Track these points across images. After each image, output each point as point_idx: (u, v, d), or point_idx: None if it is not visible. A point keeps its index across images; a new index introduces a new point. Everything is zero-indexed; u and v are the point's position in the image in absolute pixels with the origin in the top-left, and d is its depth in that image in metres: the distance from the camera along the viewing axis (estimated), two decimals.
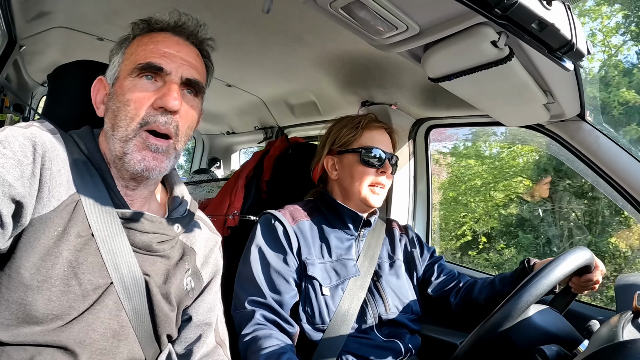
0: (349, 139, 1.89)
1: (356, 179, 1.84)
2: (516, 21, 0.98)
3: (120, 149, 1.12)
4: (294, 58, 2.19)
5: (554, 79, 1.51)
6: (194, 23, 1.26)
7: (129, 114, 1.12)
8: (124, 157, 1.11)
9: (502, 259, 11.79)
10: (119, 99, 1.14)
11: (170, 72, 1.16)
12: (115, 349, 1.09)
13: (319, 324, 1.65)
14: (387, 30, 1.29)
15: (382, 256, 1.92)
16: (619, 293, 1.53)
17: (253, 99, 3.17)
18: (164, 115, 1.13)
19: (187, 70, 1.19)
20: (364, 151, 1.84)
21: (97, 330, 1.05)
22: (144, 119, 1.12)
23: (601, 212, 10.71)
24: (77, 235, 1.04)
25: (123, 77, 1.17)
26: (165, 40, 1.20)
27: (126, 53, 1.21)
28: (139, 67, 1.14)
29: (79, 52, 2.46)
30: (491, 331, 1.15)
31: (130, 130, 1.12)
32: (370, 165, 1.83)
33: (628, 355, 0.70)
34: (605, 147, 1.83)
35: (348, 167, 1.87)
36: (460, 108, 2.23)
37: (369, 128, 1.91)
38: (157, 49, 1.17)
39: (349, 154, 1.88)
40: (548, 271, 1.23)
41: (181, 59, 1.19)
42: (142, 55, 1.16)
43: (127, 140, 1.12)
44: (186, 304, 1.31)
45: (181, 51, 1.20)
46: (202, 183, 3.67)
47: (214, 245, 1.43)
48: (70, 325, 1.01)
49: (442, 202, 13.55)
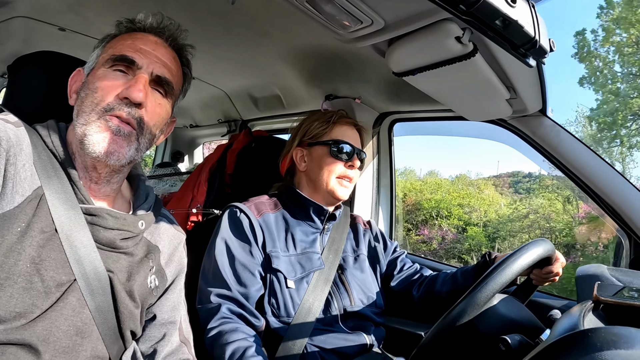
0: (320, 132, 1.91)
1: (324, 171, 1.85)
2: (480, 18, 0.99)
3: (81, 132, 1.11)
4: (259, 52, 2.18)
5: (517, 75, 1.54)
6: (175, 27, 1.29)
7: (95, 101, 1.12)
8: (84, 139, 1.10)
9: None
10: (89, 87, 1.15)
11: (142, 66, 1.17)
12: (79, 346, 1.07)
13: (284, 316, 1.65)
14: (352, 25, 1.30)
15: (346, 250, 1.94)
16: (579, 283, 1.57)
17: (217, 92, 3.14)
18: (128, 106, 1.13)
19: (159, 68, 1.20)
20: (334, 144, 1.86)
21: (60, 327, 1.03)
22: (108, 105, 1.12)
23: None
24: (40, 231, 1.02)
25: (97, 67, 1.18)
26: (143, 38, 1.23)
27: (106, 47, 1.22)
28: (113, 58, 1.16)
29: (41, 43, 2.40)
30: (455, 321, 1.16)
31: (94, 114, 1.11)
32: (338, 157, 1.85)
33: (589, 343, 0.72)
34: (565, 142, 1.88)
35: (317, 159, 1.88)
36: (424, 102, 2.25)
37: (339, 123, 1.93)
38: (133, 44, 1.19)
39: (319, 146, 1.89)
40: (510, 262, 1.25)
41: (155, 57, 1.20)
42: (119, 48, 1.18)
43: (88, 123, 1.11)
44: (150, 302, 1.30)
45: (157, 50, 1.22)
46: (165, 177, 3.63)
47: (178, 244, 1.42)
48: (33, 323, 0.99)
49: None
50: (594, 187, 1.85)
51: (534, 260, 1.32)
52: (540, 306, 1.89)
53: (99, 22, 2.08)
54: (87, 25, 1.38)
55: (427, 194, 17.15)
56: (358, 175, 1.96)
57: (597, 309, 0.99)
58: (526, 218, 15.34)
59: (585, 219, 13.32)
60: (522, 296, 1.67)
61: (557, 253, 1.55)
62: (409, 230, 15.76)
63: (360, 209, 2.63)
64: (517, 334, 1.25)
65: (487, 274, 1.23)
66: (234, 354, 1.44)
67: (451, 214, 15.78)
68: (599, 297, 1.00)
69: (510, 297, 1.47)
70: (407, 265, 2.05)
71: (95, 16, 1.79)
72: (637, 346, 0.69)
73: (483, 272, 1.61)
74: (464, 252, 14.33)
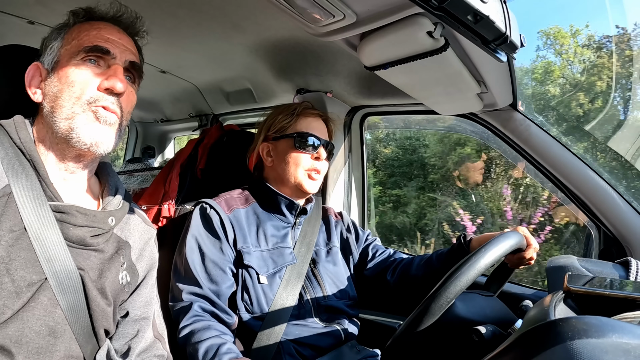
0: (284, 125, 1.91)
1: (291, 164, 1.85)
2: (452, 13, 0.99)
3: (66, 127, 1.11)
4: (230, 45, 2.16)
5: (488, 70, 1.56)
6: (132, 15, 1.29)
7: (74, 94, 1.12)
8: (71, 132, 1.10)
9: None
10: (62, 81, 1.13)
11: (116, 56, 1.19)
12: (52, 346, 1.06)
13: (257, 312, 1.65)
14: (324, 18, 1.29)
15: (318, 243, 1.94)
16: (550, 274, 1.59)
17: (188, 86, 3.11)
18: (110, 96, 1.15)
19: (130, 55, 1.22)
20: (298, 136, 1.85)
21: (32, 328, 1.02)
22: (92, 97, 1.13)
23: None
24: (9, 230, 1.01)
25: (65, 60, 1.16)
26: (106, 27, 1.22)
27: (65, 39, 1.20)
28: (85, 50, 1.15)
29: (8, 36, 2.34)
30: (428, 313, 1.17)
31: (77, 107, 1.11)
32: (304, 150, 1.85)
33: (560, 332, 0.73)
34: (535, 136, 1.91)
35: (283, 152, 1.88)
36: (396, 96, 2.27)
37: (304, 115, 1.93)
38: (100, 34, 1.19)
39: (284, 139, 1.89)
40: (479, 256, 1.25)
41: (123, 46, 1.22)
42: (86, 39, 1.17)
43: (73, 117, 1.11)
44: (122, 299, 1.29)
45: (122, 39, 1.23)
46: (136, 172, 3.59)
47: (149, 239, 1.41)
48: (5, 324, 0.98)
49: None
50: (563, 180, 1.89)
51: (504, 254, 1.34)
52: (512, 297, 1.92)
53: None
54: (55, 17, 1.34)
55: None
56: (326, 168, 1.96)
57: (568, 299, 1.01)
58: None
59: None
60: (499, 279, 1.69)
61: (530, 239, 1.57)
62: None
63: (332, 202, 2.64)
64: (490, 325, 1.27)
65: (455, 269, 1.24)
66: (208, 351, 1.44)
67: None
68: (569, 287, 1.02)
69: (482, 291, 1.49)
70: (379, 251, 2.07)
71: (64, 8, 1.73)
72: (607, 335, 0.70)
73: (458, 256, 1.64)
74: None
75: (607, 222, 1.82)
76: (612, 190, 1.79)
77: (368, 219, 2.90)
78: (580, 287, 1.01)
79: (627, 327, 0.72)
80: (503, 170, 9.69)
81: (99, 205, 1.28)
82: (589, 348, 0.69)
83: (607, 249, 1.87)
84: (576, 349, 0.69)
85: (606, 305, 0.96)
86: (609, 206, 1.79)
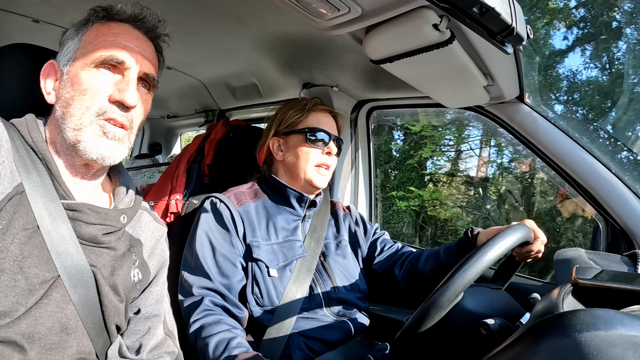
0: (295, 120, 1.91)
1: (301, 159, 1.85)
2: (458, 5, 1.00)
3: (73, 137, 1.10)
4: (235, 40, 2.16)
5: (494, 62, 1.55)
6: (155, 18, 1.26)
7: (85, 104, 1.10)
8: (78, 144, 1.10)
9: None
10: (75, 87, 1.12)
11: (130, 66, 1.16)
12: (65, 342, 1.07)
13: (267, 306, 1.66)
14: (329, 12, 1.29)
15: (328, 237, 1.94)
16: (558, 267, 1.58)
17: (194, 82, 3.11)
18: (121, 109, 1.13)
19: (145, 65, 1.19)
20: (309, 131, 1.86)
21: (45, 324, 1.03)
22: (101, 109, 1.11)
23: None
24: (22, 228, 1.01)
25: (79, 65, 1.14)
26: (125, 33, 1.19)
27: (82, 40, 1.18)
28: (101, 59, 1.13)
29: (13, 35, 2.35)
30: (436, 306, 1.17)
31: (85, 118, 1.10)
32: (315, 145, 1.85)
33: (568, 325, 0.72)
34: (542, 128, 1.90)
35: (293, 147, 1.88)
36: (402, 90, 2.26)
37: (314, 110, 1.93)
38: (117, 41, 1.16)
39: (295, 134, 1.89)
40: (485, 251, 1.25)
41: (140, 54, 1.18)
42: (101, 45, 1.14)
43: (81, 129, 1.10)
44: (134, 296, 1.30)
45: (140, 46, 1.20)
46: (143, 168, 3.59)
47: (160, 237, 1.42)
48: (17, 321, 0.99)
49: None
50: (571, 172, 1.88)
51: (511, 247, 1.33)
52: (520, 290, 1.91)
53: (72, 12, 2.02)
54: (60, 15, 1.35)
55: None
56: (335, 163, 1.96)
57: (576, 292, 1.01)
58: None
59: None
60: (507, 272, 1.69)
61: (538, 231, 1.56)
62: None
63: (339, 195, 2.64)
64: (498, 318, 1.27)
65: (463, 262, 1.23)
66: (218, 345, 1.44)
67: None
68: (577, 280, 1.01)
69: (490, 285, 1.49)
70: (387, 245, 2.07)
71: (69, 6, 1.74)
72: (615, 327, 0.70)
73: (465, 249, 1.63)
74: None
75: (615, 215, 1.81)
76: (620, 183, 1.78)
77: (375, 215, 2.90)
78: (589, 280, 1.01)
79: (635, 320, 0.72)
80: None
81: (110, 203, 1.29)
82: (597, 341, 0.68)
83: (615, 241, 1.86)
84: (584, 341, 0.69)
85: (614, 298, 0.96)
86: (617, 199, 1.78)
